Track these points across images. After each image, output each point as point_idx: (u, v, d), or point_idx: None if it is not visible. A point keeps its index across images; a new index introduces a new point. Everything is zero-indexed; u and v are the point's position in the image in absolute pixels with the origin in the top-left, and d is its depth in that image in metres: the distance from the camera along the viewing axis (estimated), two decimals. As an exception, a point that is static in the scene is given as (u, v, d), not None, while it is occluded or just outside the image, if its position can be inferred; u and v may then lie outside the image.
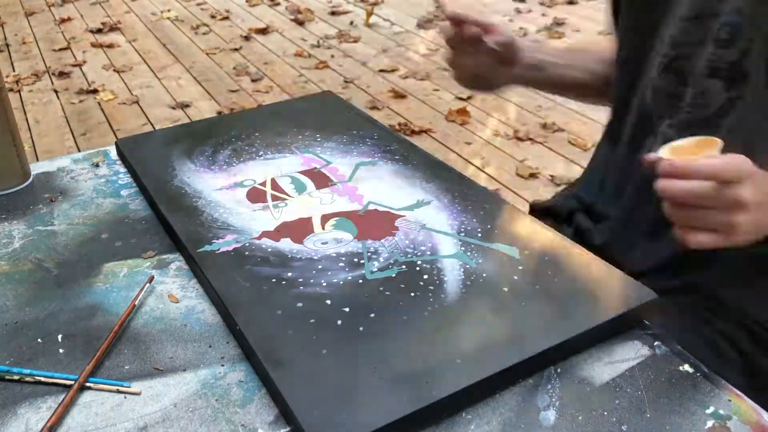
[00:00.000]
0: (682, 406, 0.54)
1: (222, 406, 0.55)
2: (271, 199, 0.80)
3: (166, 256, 0.73)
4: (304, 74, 3.40)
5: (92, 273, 0.70)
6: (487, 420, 0.53)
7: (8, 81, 3.31)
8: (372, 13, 4.19)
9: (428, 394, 0.52)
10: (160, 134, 0.98)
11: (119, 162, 0.93)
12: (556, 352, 0.58)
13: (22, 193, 0.86)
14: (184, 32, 4.07)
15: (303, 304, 0.62)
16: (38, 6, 4.60)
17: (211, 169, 0.86)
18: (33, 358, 0.60)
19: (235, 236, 0.72)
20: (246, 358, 0.59)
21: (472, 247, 0.70)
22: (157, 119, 2.96)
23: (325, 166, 0.87)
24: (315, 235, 0.73)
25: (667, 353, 0.59)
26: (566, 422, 0.53)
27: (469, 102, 3.02)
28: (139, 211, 0.81)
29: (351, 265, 0.67)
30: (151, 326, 0.63)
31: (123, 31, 4.09)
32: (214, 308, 0.65)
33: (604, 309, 0.61)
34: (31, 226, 0.79)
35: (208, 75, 3.42)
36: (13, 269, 0.71)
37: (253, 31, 4.01)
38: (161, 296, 0.67)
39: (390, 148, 0.90)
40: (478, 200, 0.78)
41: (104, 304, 0.66)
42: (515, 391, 0.56)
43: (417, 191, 0.81)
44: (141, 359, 0.60)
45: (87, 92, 3.22)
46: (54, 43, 3.91)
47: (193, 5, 4.58)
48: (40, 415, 0.54)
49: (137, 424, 0.54)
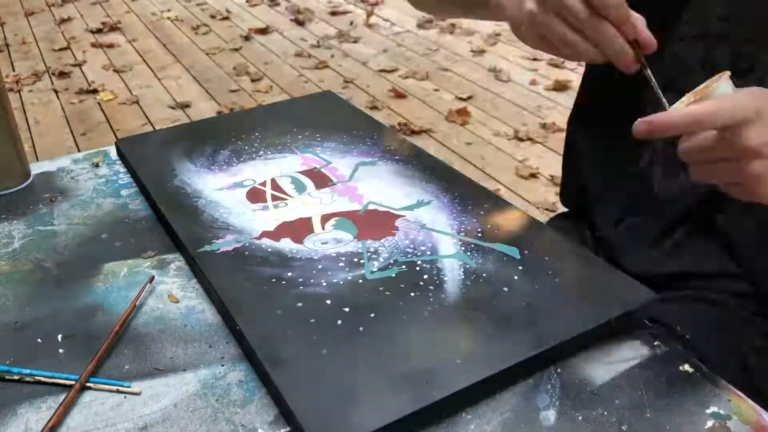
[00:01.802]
0: (682, 406, 0.54)
1: (222, 406, 0.55)
2: (271, 199, 0.80)
3: (166, 256, 0.73)
4: (304, 74, 3.40)
5: (92, 273, 0.70)
6: (487, 420, 0.53)
7: (8, 81, 3.31)
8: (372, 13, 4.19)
9: (428, 394, 0.52)
10: (160, 134, 0.98)
11: (119, 162, 0.93)
12: (556, 352, 0.58)
13: (22, 193, 0.86)
14: (184, 32, 4.07)
15: (303, 304, 0.62)
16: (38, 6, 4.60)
17: (211, 169, 0.86)
18: (33, 358, 0.60)
19: (235, 236, 0.72)
20: (246, 358, 0.59)
21: (472, 247, 0.70)
22: (157, 119, 2.96)
23: (325, 166, 0.87)
24: (315, 235, 0.73)
25: (667, 353, 0.59)
26: (566, 422, 0.53)
27: (470, 102, 3.02)
28: (139, 211, 0.81)
29: (351, 265, 0.67)
30: (151, 326, 0.63)
31: (123, 31, 4.09)
32: (214, 308, 0.65)
33: (604, 309, 0.61)
34: (31, 226, 0.79)
35: (208, 75, 3.42)
36: (13, 269, 0.71)
37: (253, 31, 4.01)
38: (161, 296, 0.67)
39: (390, 148, 0.90)
40: (478, 200, 0.78)
41: (104, 304, 0.66)
42: (515, 391, 0.56)
43: (417, 191, 0.81)
44: (141, 359, 0.60)
45: (87, 92, 3.22)
46: (54, 43, 3.91)
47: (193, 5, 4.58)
48: (40, 415, 0.54)
49: (137, 424, 0.54)
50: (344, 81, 3.30)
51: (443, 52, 3.62)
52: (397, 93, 3.12)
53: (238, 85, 3.28)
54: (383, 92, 3.16)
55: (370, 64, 3.49)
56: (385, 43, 3.78)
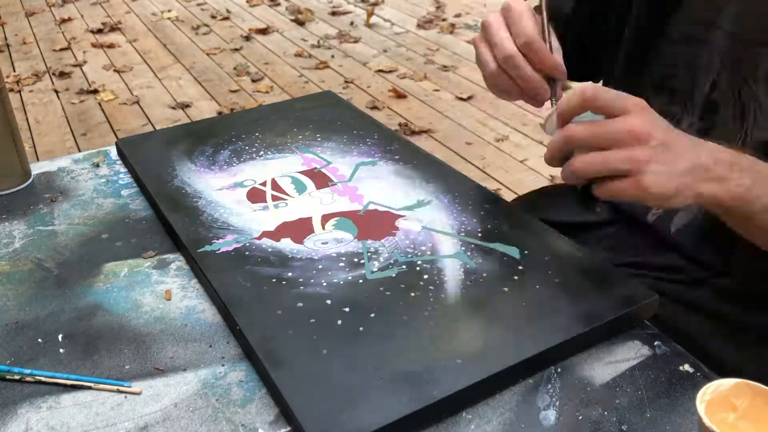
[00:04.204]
0: (682, 406, 0.54)
1: (222, 406, 0.55)
2: (272, 199, 0.80)
3: (167, 256, 0.73)
4: (304, 74, 3.40)
5: (92, 273, 0.70)
6: (487, 420, 0.53)
7: (8, 81, 3.31)
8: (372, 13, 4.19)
9: (428, 394, 0.52)
10: (161, 134, 0.98)
11: (119, 162, 0.93)
12: (556, 352, 0.58)
13: (23, 193, 0.86)
14: (185, 32, 4.07)
15: (303, 304, 0.62)
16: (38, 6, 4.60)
17: (212, 169, 0.86)
18: (33, 358, 0.60)
19: (236, 236, 0.72)
20: (246, 358, 0.60)
21: (472, 247, 0.70)
22: (158, 119, 2.96)
23: (325, 166, 0.87)
24: (315, 235, 0.73)
25: (667, 353, 0.59)
26: (566, 422, 0.53)
27: (470, 102, 3.02)
28: (140, 211, 0.81)
29: (351, 265, 0.67)
30: (151, 326, 0.63)
31: (123, 32, 4.09)
32: (214, 308, 0.66)
33: (604, 309, 0.61)
34: (31, 226, 0.79)
35: (208, 75, 3.42)
36: (13, 269, 0.71)
37: (253, 32, 4.01)
38: (161, 296, 0.67)
39: (390, 148, 0.90)
40: (478, 200, 0.78)
41: (105, 304, 0.66)
42: (515, 391, 0.56)
43: (417, 191, 0.81)
44: (141, 359, 0.60)
45: (87, 92, 3.22)
46: (54, 43, 3.91)
47: (194, 5, 4.57)
48: (41, 414, 0.55)
49: (137, 424, 0.54)
50: (344, 81, 3.30)
51: (443, 52, 3.62)
52: (397, 93, 3.12)
53: (239, 85, 3.28)
54: (383, 92, 3.16)
55: (370, 64, 3.49)
56: (385, 43, 3.78)
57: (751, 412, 0.48)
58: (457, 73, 3.35)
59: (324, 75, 3.39)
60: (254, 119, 1.00)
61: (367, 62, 3.52)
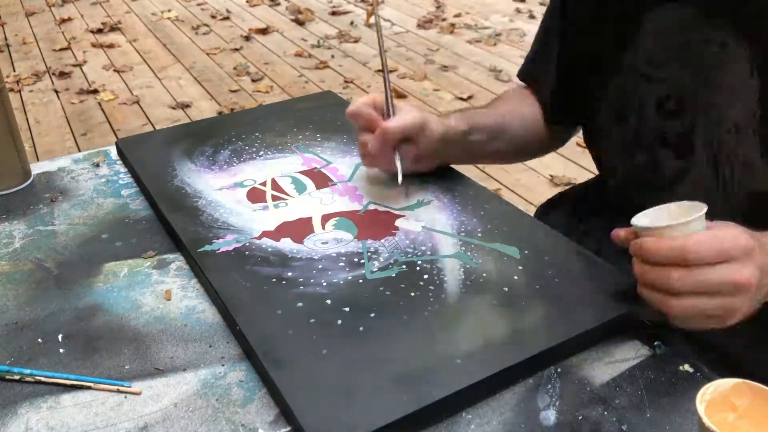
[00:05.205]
0: (682, 406, 0.54)
1: (222, 406, 0.55)
2: (272, 199, 0.80)
3: (166, 256, 0.73)
4: (304, 74, 3.40)
5: (92, 273, 0.70)
6: (487, 420, 0.53)
7: (8, 81, 3.31)
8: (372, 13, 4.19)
9: (428, 394, 0.52)
10: (160, 134, 0.98)
11: (120, 162, 0.93)
12: (556, 352, 0.58)
13: (23, 193, 0.86)
14: (185, 32, 4.07)
15: (303, 304, 0.62)
16: (38, 6, 4.60)
17: (212, 169, 0.86)
18: (33, 358, 0.60)
19: (236, 236, 0.72)
20: (246, 358, 0.59)
21: (472, 247, 0.70)
22: (158, 119, 2.96)
23: (325, 166, 0.87)
24: (315, 235, 0.73)
25: (667, 353, 0.59)
26: (566, 422, 0.53)
27: (470, 102, 3.02)
28: (140, 211, 0.81)
29: (351, 265, 0.67)
30: (151, 326, 0.63)
31: (123, 31, 4.09)
32: (214, 308, 0.65)
33: (604, 309, 0.61)
34: (31, 226, 0.79)
35: (208, 75, 3.42)
36: (13, 269, 0.71)
37: (253, 31, 4.01)
38: (161, 296, 0.67)
39: (390, 148, 0.90)
40: (478, 200, 0.78)
41: (104, 304, 0.66)
42: (515, 391, 0.56)
43: (417, 191, 0.81)
44: (141, 359, 0.60)
45: (87, 92, 3.22)
46: (54, 43, 3.91)
47: (194, 5, 4.58)
48: (40, 414, 0.55)
49: (137, 424, 0.54)
50: (344, 81, 3.30)
51: (443, 52, 3.62)
52: (397, 93, 3.12)
53: (239, 85, 3.28)
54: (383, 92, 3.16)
55: (370, 64, 3.49)
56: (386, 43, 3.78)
57: (751, 412, 0.48)
58: (457, 73, 3.35)
59: (324, 75, 3.39)
60: (254, 119, 1.00)
61: (367, 62, 3.52)
